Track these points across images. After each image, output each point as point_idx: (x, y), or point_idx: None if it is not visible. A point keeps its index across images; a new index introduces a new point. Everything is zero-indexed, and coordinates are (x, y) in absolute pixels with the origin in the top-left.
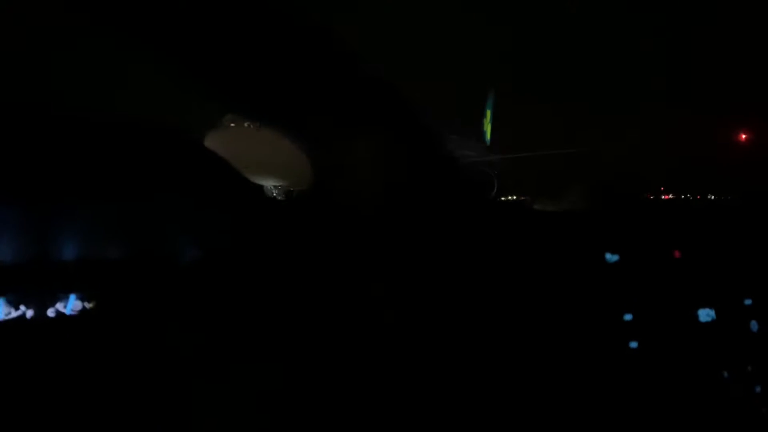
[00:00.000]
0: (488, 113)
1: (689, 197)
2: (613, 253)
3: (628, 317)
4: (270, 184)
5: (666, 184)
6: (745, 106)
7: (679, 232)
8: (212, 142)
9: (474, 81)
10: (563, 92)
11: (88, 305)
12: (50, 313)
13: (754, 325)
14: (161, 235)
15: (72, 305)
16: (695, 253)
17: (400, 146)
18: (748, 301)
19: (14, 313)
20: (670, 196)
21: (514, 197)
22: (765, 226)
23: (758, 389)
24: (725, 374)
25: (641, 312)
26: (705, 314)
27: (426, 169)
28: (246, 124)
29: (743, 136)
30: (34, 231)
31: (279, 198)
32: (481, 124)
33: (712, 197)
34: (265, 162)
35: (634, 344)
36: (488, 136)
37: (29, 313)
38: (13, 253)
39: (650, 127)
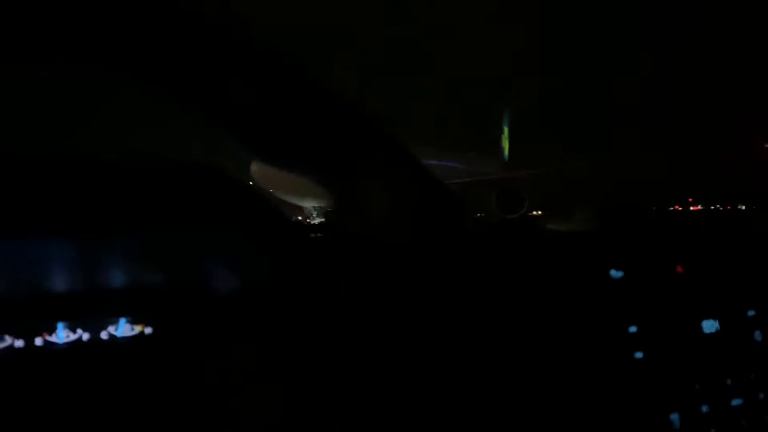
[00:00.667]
0: (505, 130)
1: (719, 207)
2: (617, 269)
3: (632, 329)
4: (310, 205)
5: (695, 195)
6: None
7: (681, 247)
8: (257, 166)
9: (491, 97)
10: (581, 106)
11: (137, 329)
12: (104, 336)
13: (757, 335)
14: (203, 266)
15: (122, 329)
16: (699, 268)
17: (410, 180)
18: (751, 312)
19: (73, 336)
20: (699, 207)
21: (532, 212)
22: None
23: (761, 396)
24: (728, 382)
25: (646, 324)
26: (709, 325)
27: (435, 194)
28: None
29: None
30: (88, 261)
31: (318, 218)
32: (499, 141)
33: (743, 207)
34: (307, 182)
35: (639, 354)
36: (506, 152)
37: (85, 336)
38: (69, 281)
39: (674, 138)
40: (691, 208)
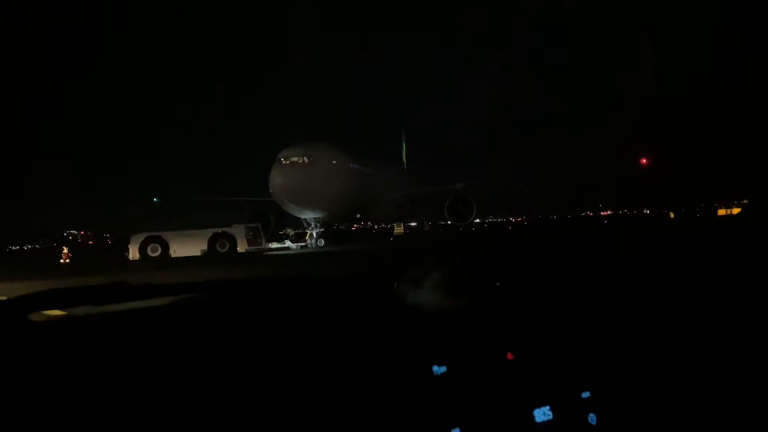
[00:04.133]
0: (404, 145)
1: (626, 212)
2: (440, 365)
3: (456, 431)
4: (311, 216)
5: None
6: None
7: (513, 331)
8: (271, 177)
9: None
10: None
11: None
12: None
13: (592, 418)
14: None
15: None
16: (531, 351)
17: None
18: (585, 394)
19: None
20: (609, 212)
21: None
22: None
23: None
24: None
25: (471, 424)
26: (541, 414)
27: None
28: (297, 160)
29: (644, 161)
30: None
31: (318, 230)
32: (400, 155)
33: (648, 211)
34: (312, 194)
35: None
36: (404, 164)
37: None
38: None
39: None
40: (602, 213)
